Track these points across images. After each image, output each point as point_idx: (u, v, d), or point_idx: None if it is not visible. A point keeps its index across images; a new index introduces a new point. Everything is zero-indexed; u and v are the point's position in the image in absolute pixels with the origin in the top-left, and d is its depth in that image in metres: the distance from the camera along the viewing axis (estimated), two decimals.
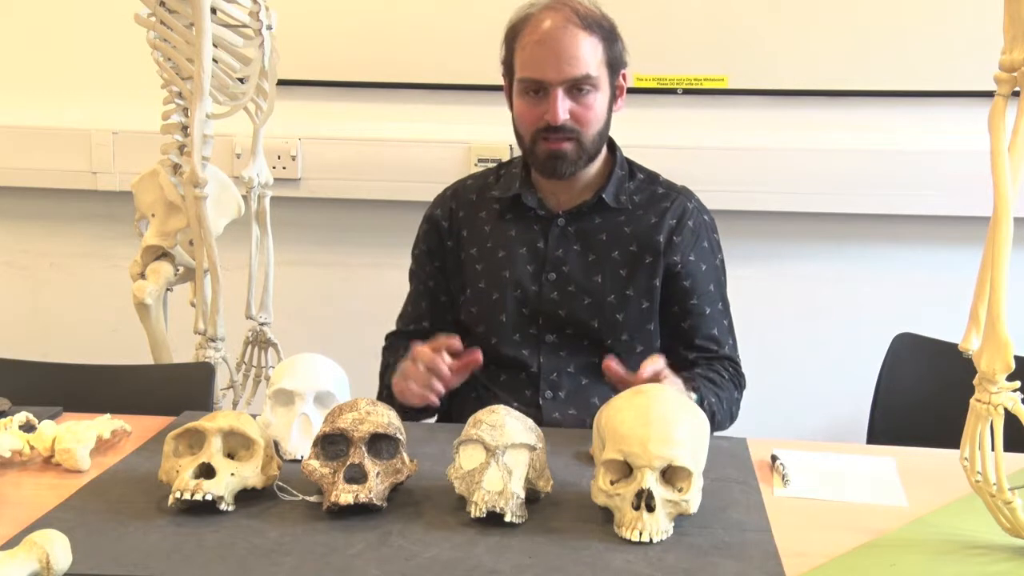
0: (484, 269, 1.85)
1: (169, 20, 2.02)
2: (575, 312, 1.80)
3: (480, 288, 1.84)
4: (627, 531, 1.23)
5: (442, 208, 1.92)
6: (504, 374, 1.83)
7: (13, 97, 2.77)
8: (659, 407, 1.29)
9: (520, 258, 1.83)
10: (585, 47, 1.71)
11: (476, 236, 1.87)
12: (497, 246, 1.85)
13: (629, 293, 1.80)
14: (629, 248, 1.80)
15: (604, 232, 1.81)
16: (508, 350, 1.82)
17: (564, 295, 1.80)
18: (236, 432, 1.34)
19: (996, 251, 1.14)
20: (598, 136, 1.76)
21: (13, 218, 2.86)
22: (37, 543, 1.10)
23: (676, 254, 1.80)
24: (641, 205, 1.83)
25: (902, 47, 2.53)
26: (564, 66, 1.69)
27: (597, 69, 1.72)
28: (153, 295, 2.13)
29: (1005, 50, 1.15)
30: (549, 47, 1.70)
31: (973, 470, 1.19)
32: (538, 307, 1.82)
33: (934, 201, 2.55)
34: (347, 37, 2.67)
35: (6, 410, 1.66)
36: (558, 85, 1.70)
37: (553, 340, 1.82)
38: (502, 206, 1.86)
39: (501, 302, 1.83)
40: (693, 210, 1.84)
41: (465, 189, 1.93)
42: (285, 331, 2.35)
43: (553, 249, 1.82)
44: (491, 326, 1.83)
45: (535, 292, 1.82)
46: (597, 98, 1.74)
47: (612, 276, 1.80)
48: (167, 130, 2.12)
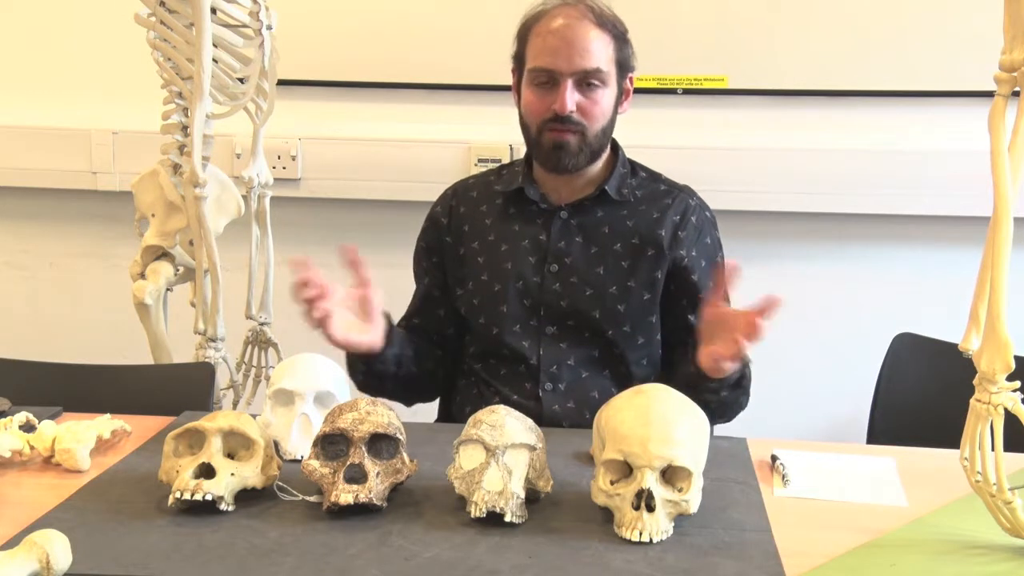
0: (486, 262, 1.86)
1: (169, 20, 2.02)
2: (577, 303, 1.81)
3: (482, 280, 1.85)
4: (627, 531, 1.23)
5: (443, 205, 1.94)
6: (504, 367, 1.84)
7: (13, 97, 2.77)
8: (659, 407, 1.29)
9: (522, 250, 1.84)
10: (598, 42, 1.73)
11: (478, 230, 1.88)
12: (499, 239, 1.86)
13: (631, 284, 1.80)
14: (631, 241, 1.81)
15: (606, 225, 1.82)
16: (509, 341, 1.83)
17: (566, 286, 1.81)
18: (236, 432, 1.34)
19: (996, 251, 1.14)
20: (602, 133, 1.77)
21: (13, 218, 2.86)
22: (37, 543, 1.10)
23: (682, 248, 1.81)
24: (643, 200, 1.84)
25: (902, 47, 2.53)
26: (576, 57, 1.71)
27: (607, 65, 1.74)
28: (153, 295, 2.13)
29: (1005, 50, 1.15)
30: (563, 38, 1.72)
31: (973, 470, 1.19)
32: (540, 298, 1.82)
33: (934, 201, 2.54)
34: (347, 37, 2.67)
35: (6, 410, 1.66)
36: (568, 76, 1.72)
37: (554, 332, 1.82)
38: (504, 200, 1.87)
39: (503, 293, 1.83)
40: (696, 207, 1.86)
41: (467, 187, 1.95)
42: (285, 331, 2.34)
43: (555, 241, 1.83)
44: (492, 317, 1.84)
45: (537, 283, 1.82)
46: (605, 94, 1.75)
47: (614, 268, 1.81)
48: (167, 130, 2.12)
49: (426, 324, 1.92)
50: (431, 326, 1.92)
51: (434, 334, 1.92)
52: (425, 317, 1.93)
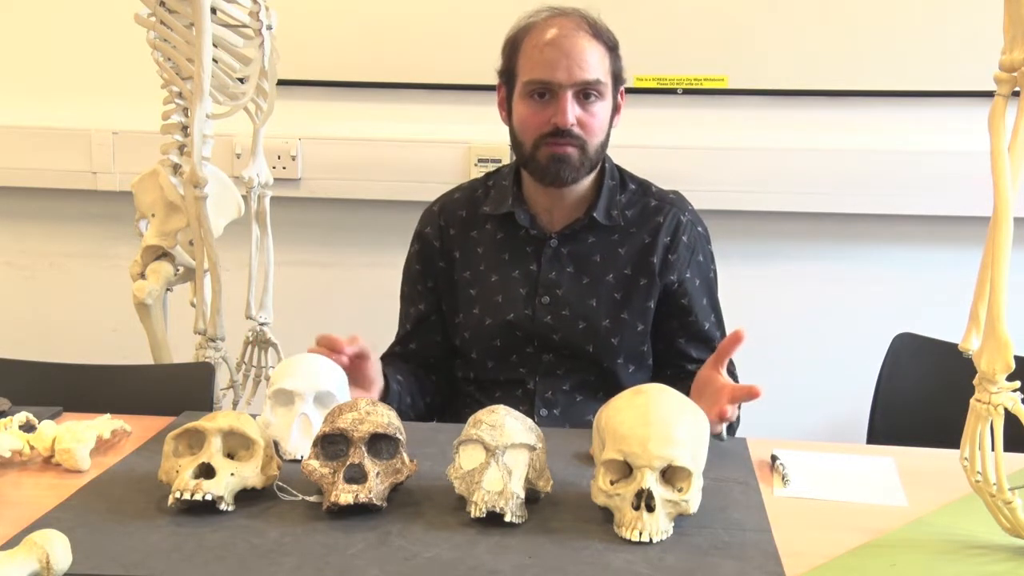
0: (478, 294, 1.83)
1: (169, 20, 2.02)
2: (569, 336, 1.79)
3: (474, 314, 1.83)
4: (627, 531, 1.23)
5: (432, 226, 1.89)
6: (499, 390, 1.82)
7: (13, 97, 2.77)
8: (659, 407, 1.29)
9: (513, 282, 1.81)
10: (595, 53, 1.70)
11: (469, 258, 1.85)
12: (489, 270, 1.83)
13: (624, 317, 1.79)
14: (624, 271, 1.79)
15: (598, 253, 1.80)
16: (504, 373, 1.81)
17: (558, 319, 1.79)
18: (236, 432, 1.34)
19: (996, 251, 1.14)
20: (600, 147, 1.75)
21: (13, 218, 2.86)
22: (37, 543, 1.10)
23: (672, 273, 1.79)
24: (634, 221, 1.81)
25: (902, 47, 2.53)
26: (575, 69, 1.68)
27: (605, 77, 1.71)
28: (153, 295, 2.13)
29: (1005, 50, 1.15)
30: (561, 49, 1.68)
31: (973, 470, 1.19)
32: (532, 330, 1.80)
33: (934, 201, 2.55)
34: (347, 37, 2.67)
35: (6, 410, 1.66)
36: (568, 87, 1.68)
37: (549, 359, 1.81)
38: (493, 224, 1.84)
39: (495, 328, 1.81)
40: (687, 224, 1.82)
41: (453, 204, 1.90)
42: (285, 331, 2.34)
43: (546, 272, 1.80)
44: (485, 351, 1.82)
45: (528, 316, 1.80)
46: (602, 108, 1.73)
47: (607, 300, 1.79)
48: (167, 130, 2.12)
49: (422, 350, 1.89)
50: (427, 351, 1.89)
51: (430, 358, 1.90)
52: (421, 342, 1.90)
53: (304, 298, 2.75)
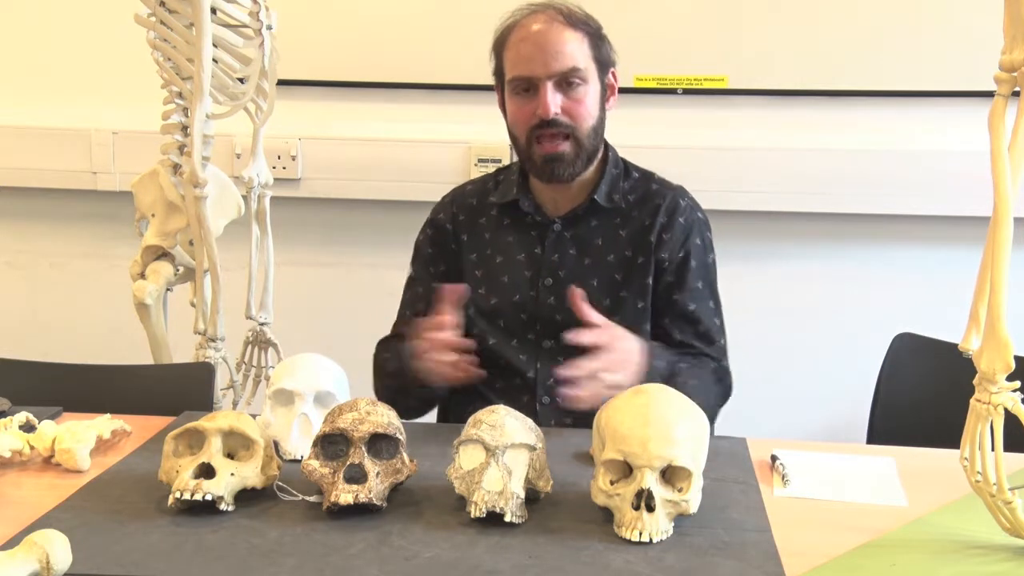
0: (483, 275, 1.86)
1: (169, 20, 2.02)
2: (571, 317, 1.79)
3: (479, 294, 1.85)
4: (627, 531, 1.23)
5: (444, 212, 1.93)
6: (501, 380, 1.83)
7: (13, 97, 2.77)
8: (659, 407, 1.29)
9: (518, 264, 1.84)
10: (571, 42, 1.72)
11: (476, 242, 1.88)
12: (495, 252, 1.86)
13: (624, 295, 1.80)
14: (624, 253, 1.81)
15: (600, 236, 1.82)
16: (506, 355, 1.82)
17: (560, 300, 1.80)
18: (236, 432, 1.34)
19: (996, 251, 1.14)
20: (593, 132, 1.76)
21: (13, 218, 2.86)
22: (37, 543, 1.10)
23: (665, 251, 1.80)
24: (635, 204, 1.83)
25: (903, 47, 2.53)
26: (551, 60, 1.71)
27: (585, 63, 1.73)
28: (153, 295, 2.13)
29: (1005, 50, 1.15)
30: (536, 43, 1.72)
31: (973, 470, 1.19)
32: (535, 312, 1.82)
33: (934, 201, 2.55)
34: (347, 37, 2.67)
35: (6, 410, 1.66)
36: (547, 79, 1.71)
37: (551, 346, 1.82)
38: (500, 211, 1.87)
39: (499, 307, 1.83)
40: (686, 207, 1.84)
41: (465, 194, 1.94)
42: (285, 331, 2.34)
43: (550, 254, 1.82)
44: (489, 331, 1.84)
45: (532, 297, 1.82)
46: (587, 92, 1.74)
47: (608, 280, 1.80)
48: (167, 130, 2.12)
49: None
50: None
51: None
52: None
53: (304, 298, 2.75)
